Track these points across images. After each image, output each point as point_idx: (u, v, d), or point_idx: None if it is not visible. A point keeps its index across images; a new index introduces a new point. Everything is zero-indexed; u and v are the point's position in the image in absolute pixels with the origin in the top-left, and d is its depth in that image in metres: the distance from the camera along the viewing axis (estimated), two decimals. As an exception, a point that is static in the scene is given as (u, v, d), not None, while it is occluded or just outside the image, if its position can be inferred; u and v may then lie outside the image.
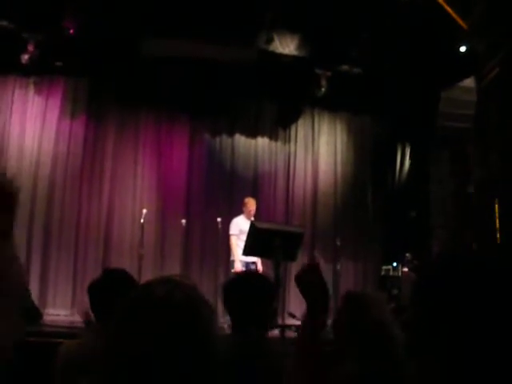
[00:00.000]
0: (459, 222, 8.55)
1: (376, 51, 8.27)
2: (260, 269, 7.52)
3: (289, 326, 7.02)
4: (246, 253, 6.51)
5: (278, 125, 9.77)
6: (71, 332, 5.63)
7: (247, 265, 7.60)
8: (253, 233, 6.10)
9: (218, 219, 7.89)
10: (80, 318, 6.26)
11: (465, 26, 7.56)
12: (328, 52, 8.44)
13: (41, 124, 8.72)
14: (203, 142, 9.45)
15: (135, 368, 1.05)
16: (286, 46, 8.29)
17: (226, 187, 9.34)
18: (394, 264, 8.59)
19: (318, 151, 9.89)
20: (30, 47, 7.84)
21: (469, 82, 8.17)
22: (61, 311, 8.16)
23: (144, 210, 7.97)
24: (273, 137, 9.76)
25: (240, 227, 7.58)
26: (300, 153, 9.83)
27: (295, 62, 8.50)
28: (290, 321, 7.40)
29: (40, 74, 8.65)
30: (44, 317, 7.21)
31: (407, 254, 8.37)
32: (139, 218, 8.05)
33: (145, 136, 9.19)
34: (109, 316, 1.15)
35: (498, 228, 7.36)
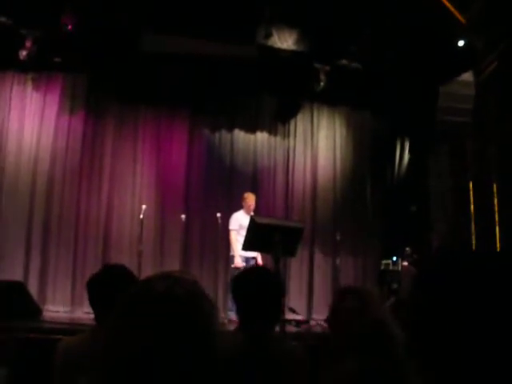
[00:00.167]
0: (458, 216, 8.55)
1: (375, 46, 8.25)
2: (260, 264, 7.51)
3: (289, 320, 7.03)
4: (245, 248, 6.49)
5: (277, 120, 9.75)
6: (71, 328, 5.63)
7: (247, 260, 7.60)
8: (252, 228, 6.09)
9: (218, 214, 7.89)
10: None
11: (463, 21, 7.56)
12: (327, 46, 8.42)
13: (39, 120, 8.70)
14: (202, 138, 9.44)
15: (135, 364, 1.05)
16: (285, 40, 8.27)
17: (225, 182, 9.33)
18: (394, 258, 8.59)
19: (318, 146, 9.88)
20: (28, 43, 7.81)
21: (467, 76, 8.16)
22: (60, 308, 8.16)
23: (143, 206, 7.95)
24: (272, 132, 9.75)
25: (240, 222, 7.57)
26: (299, 148, 9.81)
27: (294, 57, 8.48)
28: (290, 315, 7.40)
29: (38, 70, 8.63)
30: (43, 313, 7.22)
31: (407, 248, 8.38)
32: (138, 213, 8.03)
33: (144, 132, 9.17)
34: (108, 312, 1.15)
35: (497, 222, 7.38)
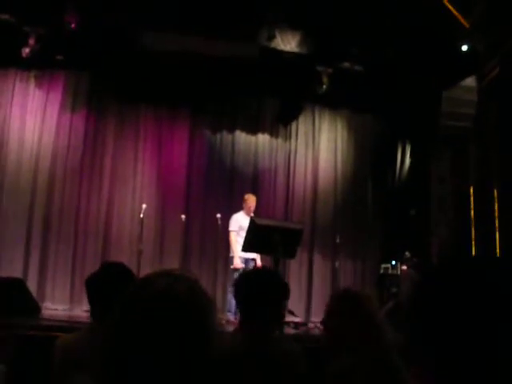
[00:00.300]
0: (459, 221, 8.54)
1: (378, 49, 8.26)
2: (259, 265, 7.50)
3: (287, 322, 7.02)
4: (245, 249, 6.49)
5: (279, 121, 9.74)
6: (70, 326, 5.62)
7: (246, 261, 7.59)
8: (252, 229, 6.08)
9: (218, 215, 7.88)
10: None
11: (466, 25, 7.55)
12: (329, 49, 8.42)
13: (41, 118, 8.71)
14: (203, 138, 9.44)
15: (135, 360, 1.04)
16: (288, 42, 8.28)
17: (225, 183, 9.32)
18: (393, 262, 8.58)
19: (319, 148, 9.87)
20: (31, 41, 7.81)
21: (470, 81, 8.15)
22: (59, 305, 8.15)
23: (143, 205, 7.95)
24: (273, 133, 9.74)
25: (239, 223, 7.57)
26: (300, 150, 9.80)
27: (297, 59, 8.47)
28: (288, 317, 7.39)
29: (41, 67, 8.63)
30: (42, 311, 7.21)
31: (406, 252, 8.37)
32: (139, 213, 8.03)
33: (145, 131, 9.17)
34: (106, 310, 1.15)
35: (497, 227, 7.38)
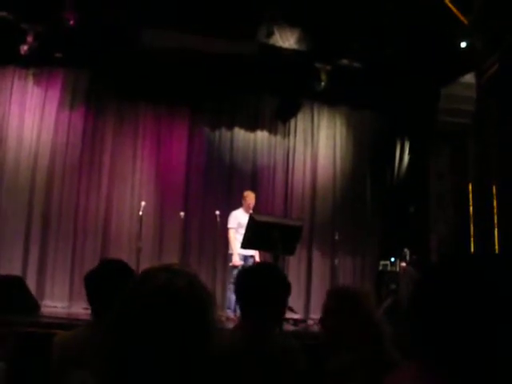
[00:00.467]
0: (458, 218, 8.54)
1: (376, 46, 8.25)
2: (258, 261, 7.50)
3: (287, 319, 7.02)
4: (244, 246, 6.47)
5: (278, 118, 9.74)
6: (70, 323, 5.61)
7: (245, 258, 7.59)
8: (251, 225, 6.07)
9: (217, 212, 7.87)
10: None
11: (465, 22, 7.54)
12: (328, 46, 8.42)
13: (40, 115, 8.69)
14: (202, 135, 9.43)
15: (135, 355, 1.04)
16: (286, 39, 8.27)
17: (224, 181, 9.32)
18: (392, 259, 8.58)
19: (318, 145, 9.87)
20: (30, 38, 7.79)
21: (469, 77, 8.15)
22: (58, 303, 8.14)
23: (142, 203, 7.94)
24: (272, 130, 9.74)
25: (238, 220, 7.57)
26: (299, 147, 9.80)
27: (295, 56, 8.47)
28: (288, 314, 7.39)
29: (39, 65, 8.61)
30: (42, 308, 7.21)
31: (405, 249, 8.37)
32: (138, 210, 8.02)
33: (144, 128, 9.16)
34: (106, 306, 1.14)
35: (496, 224, 7.39)
